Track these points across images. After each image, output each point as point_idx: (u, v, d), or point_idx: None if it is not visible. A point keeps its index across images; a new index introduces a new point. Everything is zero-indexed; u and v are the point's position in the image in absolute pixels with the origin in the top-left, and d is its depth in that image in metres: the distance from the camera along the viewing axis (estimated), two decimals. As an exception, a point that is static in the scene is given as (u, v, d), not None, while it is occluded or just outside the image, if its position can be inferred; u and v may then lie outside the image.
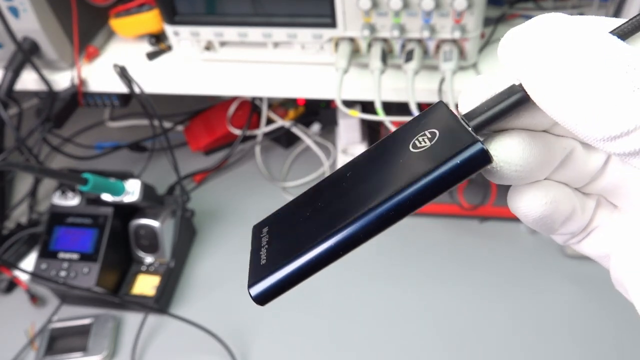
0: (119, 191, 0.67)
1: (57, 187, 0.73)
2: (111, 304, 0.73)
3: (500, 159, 0.19)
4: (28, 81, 0.68)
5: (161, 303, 0.72)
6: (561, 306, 0.69)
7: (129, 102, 0.75)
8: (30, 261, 0.78)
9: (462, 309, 0.70)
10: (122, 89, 0.68)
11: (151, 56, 0.70)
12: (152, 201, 0.72)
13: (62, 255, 0.70)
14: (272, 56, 0.64)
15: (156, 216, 0.73)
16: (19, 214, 0.86)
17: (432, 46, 0.58)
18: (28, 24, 0.63)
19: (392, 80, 0.61)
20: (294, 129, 0.90)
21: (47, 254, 0.71)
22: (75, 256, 0.70)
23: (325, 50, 0.62)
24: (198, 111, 0.96)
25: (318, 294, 0.73)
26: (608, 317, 0.67)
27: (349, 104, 0.65)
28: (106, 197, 0.68)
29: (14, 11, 0.62)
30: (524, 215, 0.20)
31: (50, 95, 0.68)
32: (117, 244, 0.73)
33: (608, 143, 0.16)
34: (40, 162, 0.76)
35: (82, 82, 0.69)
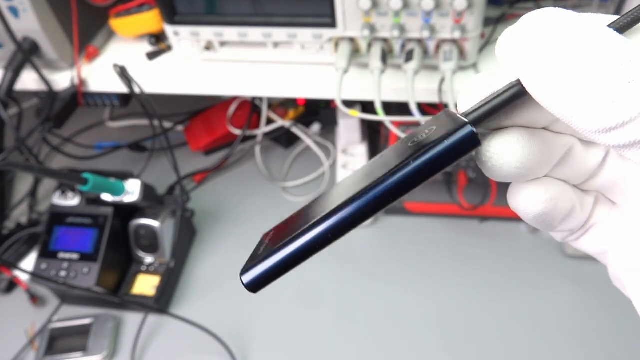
0: (119, 191, 0.67)
1: (57, 187, 0.73)
2: (111, 304, 0.73)
3: (500, 157, 0.19)
4: (28, 81, 0.68)
5: (161, 303, 0.72)
6: (561, 306, 0.69)
7: (129, 102, 0.75)
8: (30, 261, 0.78)
9: (462, 309, 0.70)
10: (122, 89, 0.68)
11: (151, 56, 0.70)
12: (152, 201, 0.72)
13: (62, 255, 0.70)
14: (272, 56, 0.64)
15: (156, 216, 0.73)
16: (19, 214, 0.86)
17: (432, 46, 0.58)
18: (28, 24, 0.63)
19: (392, 80, 0.61)
20: (294, 129, 0.90)
21: (47, 254, 0.71)
22: (75, 256, 0.70)
23: (325, 50, 0.62)
24: (198, 111, 0.96)
25: (318, 294, 0.73)
26: (608, 317, 0.67)
27: (349, 104, 0.65)
28: (106, 197, 0.68)
29: (14, 11, 0.62)
30: (525, 212, 0.20)
31: (50, 95, 0.68)
32: (117, 244, 0.73)
33: (604, 135, 0.16)
34: (40, 162, 0.76)
35: (82, 82, 0.69)
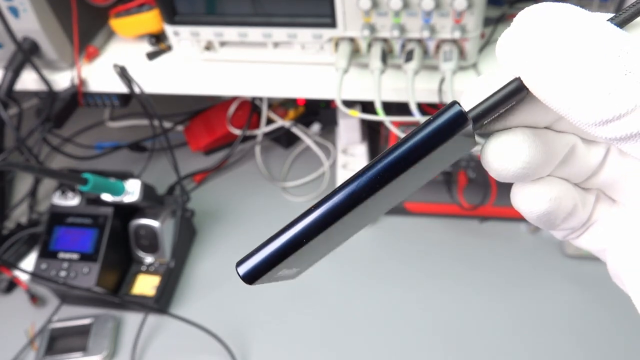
0: (119, 191, 0.67)
1: (57, 187, 0.73)
2: (111, 304, 0.73)
3: (507, 156, 0.19)
4: (28, 81, 0.68)
5: (161, 303, 0.72)
6: (561, 306, 0.69)
7: (129, 102, 0.75)
8: (30, 261, 0.78)
9: (462, 309, 0.70)
10: (122, 89, 0.68)
11: (151, 56, 0.70)
12: (152, 201, 0.72)
13: (62, 255, 0.70)
14: (272, 56, 0.64)
15: (156, 216, 0.73)
16: (19, 214, 0.86)
17: (432, 46, 0.58)
18: (28, 24, 0.63)
19: (392, 80, 0.61)
20: (294, 129, 0.90)
21: (47, 254, 0.71)
22: (75, 256, 0.70)
23: (325, 50, 0.62)
24: (198, 111, 0.96)
25: (318, 294, 0.73)
26: (608, 317, 0.67)
27: (349, 104, 0.65)
28: (106, 197, 0.68)
29: (14, 11, 0.62)
30: (529, 212, 0.20)
31: (50, 95, 0.68)
32: (117, 244, 0.73)
33: (601, 127, 0.16)
34: (40, 162, 0.76)
35: (82, 82, 0.69)
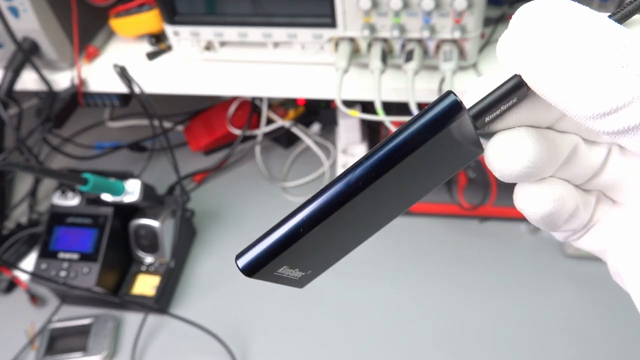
0: (119, 191, 0.67)
1: (57, 187, 0.73)
2: (111, 304, 0.73)
3: (511, 155, 0.19)
4: (28, 81, 0.68)
5: (161, 303, 0.72)
6: (561, 306, 0.69)
7: (129, 102, 0.75)
8: (30, 261, 0.78)
9: (462, 309, 0.70)
10: (122, 89, 0.68)
11: (151, 56, 0.70)
12: (152, 201, 0.72)
13: (62, 255, 0.70)
14: (272, 56, 0.64)
15: (156, 216, 0.73)
16: (19, 214, 0.86)
17: (432, 46, 0.58)
18: (28, 24, 0.63)
19: (392, 80, 0.61)
20: (294, 129, 0.90)
21: (47, 254, 0.71)
22: (75, 256, 0.70)
23: (325, 50, 0.62)
24: (198, 111, 0.96)
25: (318, 294, 0.73)
26: (608, 317, 0.67)
27: (349, 104, 0.65)
28: (106, 197, 0.68)
29: (14, 11, 0.62)
30: (532, 213, 0.20)
31: (50, 95, 0.68)
32: (117, 244, 0.73)
33: (598, 121, 0.16)
34: (40, 162, 0.76)
35: (82, 82, 0.69)
